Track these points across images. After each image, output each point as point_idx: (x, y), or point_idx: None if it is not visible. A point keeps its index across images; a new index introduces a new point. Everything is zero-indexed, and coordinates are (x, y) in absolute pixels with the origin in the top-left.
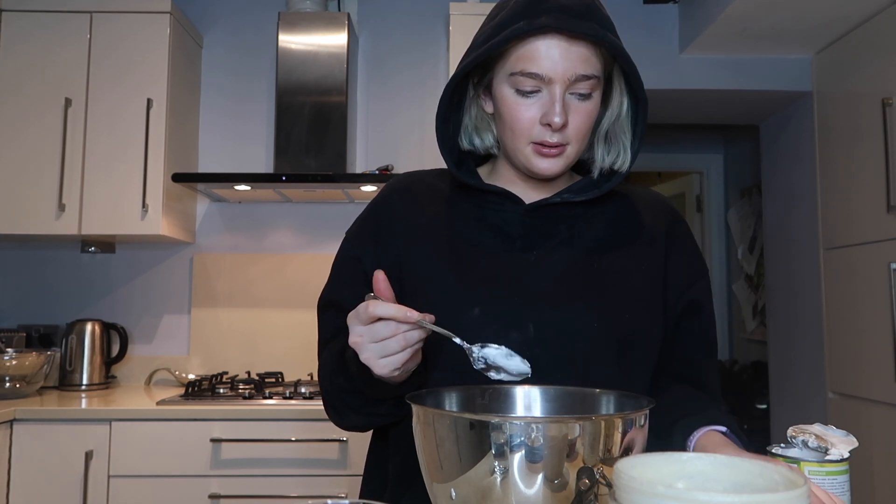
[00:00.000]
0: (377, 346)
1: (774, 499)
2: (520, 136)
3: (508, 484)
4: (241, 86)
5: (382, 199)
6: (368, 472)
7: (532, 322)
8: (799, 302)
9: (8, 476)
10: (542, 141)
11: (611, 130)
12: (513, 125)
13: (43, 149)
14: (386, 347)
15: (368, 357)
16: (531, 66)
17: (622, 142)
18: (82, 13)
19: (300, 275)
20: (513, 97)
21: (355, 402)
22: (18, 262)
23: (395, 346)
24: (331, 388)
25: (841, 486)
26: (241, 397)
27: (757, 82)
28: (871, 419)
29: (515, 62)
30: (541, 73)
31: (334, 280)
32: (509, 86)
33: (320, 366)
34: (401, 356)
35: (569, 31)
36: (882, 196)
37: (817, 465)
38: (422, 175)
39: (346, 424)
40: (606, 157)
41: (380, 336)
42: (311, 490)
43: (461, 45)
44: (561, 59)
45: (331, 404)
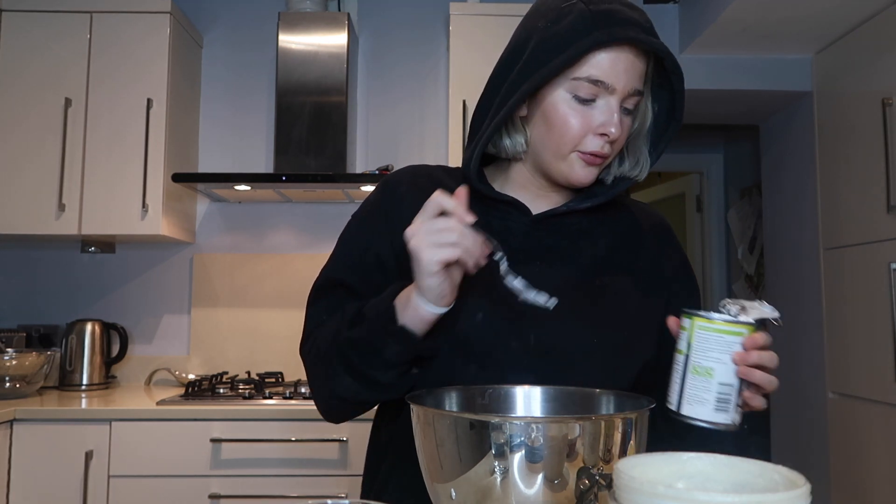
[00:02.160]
0: (433, 236)
1: (774, 499)
2: (568, 143)
3: (508, 484)
4: (242, 85)
5: (390, 188)
6: (368, 471)
7: (533, 332)
8: (799, 302)
9: (8, 476)
10: (593, 151)
11: (632, 142)
12: (563, 131)
13: (43, 149)
14: (441, 237)
15: (418, 242)
16: (599, 73)
17: (640, 152)
18: (82, 13)
19: (300, 275)
20: (568, 103)
21: (359, 361)
22: (18, 262)
23: (449, 237)
24: (332, 347)
25: (727, 346)
26: (241, 397)
27: (757, 82)
28: (871, 419)
29: (583, 69)
30: (606, 82)
31: (340, 263)
32: (566, 90)
33: (316, 337)
34: (449, 251)
35: (646, 45)
36: (882, 196)
37: (706, 321)
38: (429, 169)
39: (334, 396)
40: (625, 164)
41: (437, 227)
42: (311, 490)
43: (461, 45)
44: (625, 71)
45: (323, 372)
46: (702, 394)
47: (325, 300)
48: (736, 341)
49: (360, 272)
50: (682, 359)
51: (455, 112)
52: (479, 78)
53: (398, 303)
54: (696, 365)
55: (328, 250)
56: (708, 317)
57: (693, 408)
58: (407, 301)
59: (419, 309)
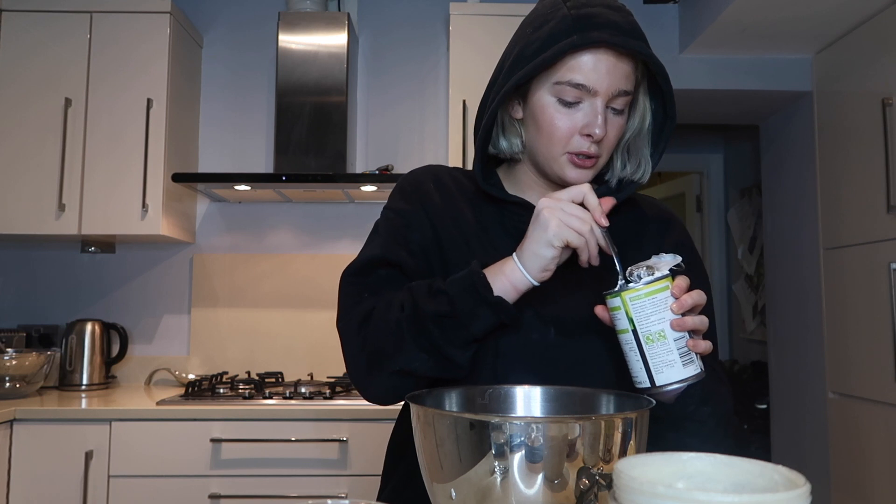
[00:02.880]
0: (567, 216)
1: (774, 499)
2: (556, 145)
3: (508, 484)
4: (241, 85)
5: (417, 183)
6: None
7: (553, 326)
8: (799, 302)
9: (8, 476)
10: (580, 151)
11: (632, 143)
12: (551, 133)
13: (43, 149)
14: (573, 221)
15: (551, 215)
16: (579, 77)
17: (643, 154)
18: (82, 13)
19: (300, 275)
20: (554, 106)
21: (440, 335)
22: (18, 262)
23: (581, 226)
24: (404, 321)
25: (662, 303)
26: (241, 397)
27: (757, 82)
28: (871, 419)
29: (564, 72)
30: (588, 85)
31: (383, 246)
32: (551, 94)
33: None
34: (574, 236)
35: (621, 47)
36: (882, 196)
37: (633, 291)
38: (448, 170)
39: (397, 370)
40: (627, 167)
41: (574, 211)
42: (311, 490)
43: (461, 45)
44: (607, 73)
45: (387, 347)
46: (665, 357)
47: (367, 279)
48: (666, 296)
49: (406, 253)
50: (629, 337)
51: (455, 112)
52: (479, 78)
53: (487, 274)
54: (647, 335)
55: (328, 250)
56: (633, 287)
57: (664, 374)
58: (499, 270)
59: (513, 276)
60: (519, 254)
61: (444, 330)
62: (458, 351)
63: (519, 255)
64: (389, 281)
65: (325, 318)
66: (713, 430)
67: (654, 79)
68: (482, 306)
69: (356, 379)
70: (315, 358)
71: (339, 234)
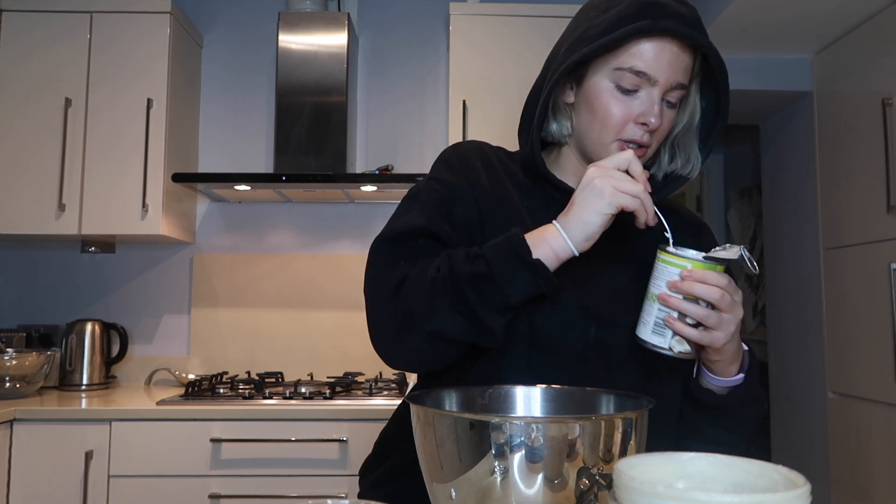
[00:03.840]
0: (620, 182)
1: (774, 499)
2: (610, 131)
3: (508, 484)
4: (242, 85)
5: (464, 158)
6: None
7: (594, 325)
8: (799, 302)
9: (8, 476)
10: (632, 139)
11: (680, 138)
12: (605, 119)
13: (43, 149)
14: (625, 186)
15: (605, 182)
16: (641, 64)
17: (690, 149)
18: (82, 13)
19: (300, 275)
20: (611, 91)
21: (477, 298)
22: (18, 262)
23: (633, 189)
24: (441, 283)
25: (669, 276)
26: (241, 397)
27: (757, 82)
28: (871, 419)
29: (625, 58)
30: (649, 73)
31: (422, 215)
32: (610, 80)
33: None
34: (629, 199)
35: (689, 38)
36: (882, 196)
37: (663, 252)
38: (495, 150)
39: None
40: (675, 160)
41: (624, 178)
42: (311, 490)
43: (461, 45)
44: (669, 64)
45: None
46: (646, 317)
47: (404, 246)
48: (675, 272)
49: (449, 226)
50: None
51: (455, 112)
52: (479, 78)
53: (528, 239)
54: (649, 291)
55: (328, 250)
56: (665, 249)
57: (640, 329)
58: (541, 237)
59: (556, 243)
60: (563, 221)
61: (480, 292)
62: (494, 315)
63: (563, 222)
64: (428, 252)
65: (325, 318)
66: (749, 433)
67: (707, 77)
68: (521, 268)
69: (384, 345)
70: (315, 358)
71: (339, 234)
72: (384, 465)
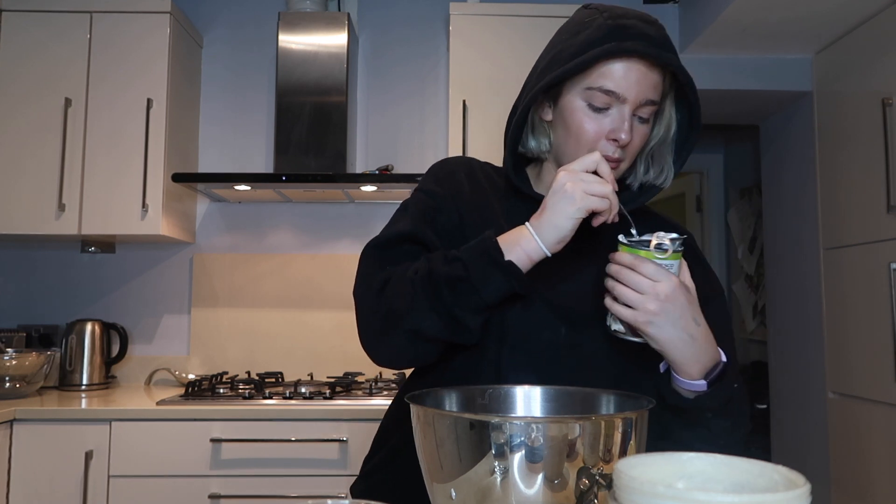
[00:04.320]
0: (589, 185)
1: (774, 499)
2: (584, 147)
3: (508, 484)
4: (242, 85)
5: (449, 171)
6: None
7: (565, 325)
8: (799, 302)
9: (8, 476)
10: (606, 155)
11: (656, 150)
12: (579, 136)
13: (43, 149)
14: (594, 188)
15: (575, 186)
16: (610, 83)
17: (666, 160)
18: (82, 13)
19: (300, 275)
20: (584, 110)
21: (453, 299)
22: (18, 262)
23: (602, 190)
24: (419, 283)
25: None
26: (241, 397)
27: (757, 82)
28: (871, 419)
29: (595, 78)
30: (618, 92)
31: (410, 223)
32: (582, 99)
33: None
34: (598, 201)
35: (653, 58)
36: (882, 196)
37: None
38: (481, 164)
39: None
40: (650, 172)
41: (593, 180)
42: (311, 490)
43: (461, 45)
44: (637, 82)
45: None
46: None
47: (390, 252)
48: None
49: (433, 233)
50: None
51: (455, 112)
52: (479, 78)
53: (501, 242)
54: None
55: (328, 250)
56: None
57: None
58: (514, 240)
59: (528, 246)
60: (535, 225)
61: (456, 293)
62: (470, 315)
63: (535, 226)
64: (413, 256)
65: (325, 318)
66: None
67: (682, 89)
68: (494, 270)
69: (368, 342)
70: (315, 358)
71: (339, 234)
72: (378, 455)
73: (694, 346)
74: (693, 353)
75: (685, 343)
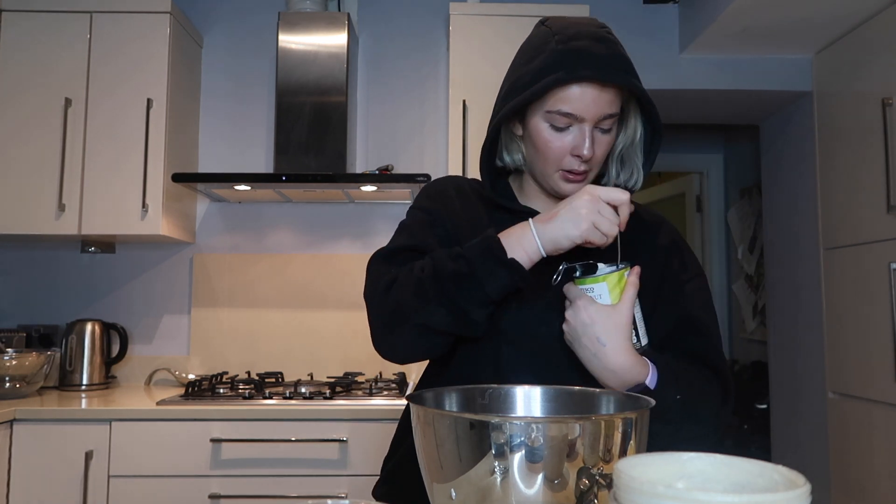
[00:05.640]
0: (600, 217)
1: (774, 499)
2: (551, 164)
3: (508, 484)
4: (242, 85)
5: (440, 189)
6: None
7: (559, 320)
8: (799, 302)
9: (8, 476)
10: (571, 169)
11: (625, 153)
12: (545, 154)
13: (43, 149)
14: (603, 224)
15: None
16: (566, 107)
17: (635, 163)
18: (82, 13)
19: (300, 275)
20: (547, 131)
21: (458, 293)
22: (18, 262)
23: (609, 229)
24: (428, 280)
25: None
26: (241, 397)
27: (757, 82)
28: (871, 419)
29: (553, 103)
30: (575, 114)
31: (411, 236)
32: (544, 120)
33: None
34: (600, 237)
35: (603, 80)
36: (882, 196)
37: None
38: (468, 181)
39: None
40: (620, 175)
41: (608, 215)
42: (311, 490)
43: (461, 44)
44: (593, 102)
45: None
46: None
47: (395, 259)
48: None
49: (433, 239)
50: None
51: (455, 112)
52: (479, 78)
53: (503, 239)
54: None
55: (328, 250)
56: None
57: None
58: (516, 239)
59: (530, 247)
60: (539, 228)
61: (461, 288)
62: (476, 308)
63: (539, 229)
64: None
65: (325, 318)
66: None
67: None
68: (498, 267)
69: (378, 339)
70: (315, 358)
71: (339, 234)
72: (394, 458)
73: (598, 362)
74: (599, 368)
75: (589, 359)
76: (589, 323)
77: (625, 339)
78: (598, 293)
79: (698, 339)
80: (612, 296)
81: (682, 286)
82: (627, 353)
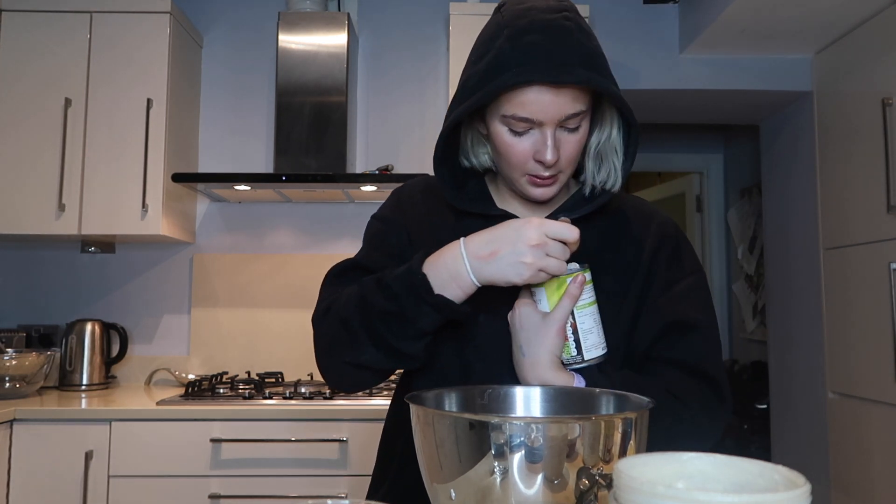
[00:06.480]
0: (545, 260)
1: (774, 499)
2: (515, 168)
3: (508, 484)
4: (242, 85)
5: (406, 193)
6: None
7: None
8: (799, 302)
9: (8, 476)
10: (535, 174)
11: (601, 149)
12: (508, 158)
13: (43, 149)
14: (550, 264)
15: (532, 261)
16: (521, 112)
17: (612, 161)
18: (82, 13)
19: (300, 275)
20: (506, 135)
21: (388, 333)
22: (18, 262)
23: (556, 268)
24: (357, 317)
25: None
26: (241, 397)
27: (757, 82)
28: (871, 419)
29: (508, 107)
30: (532, 118)
31: (365, 248)
32: (502, 124)
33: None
34: (543, 277)
35: (555, 82)
36: (882, 196)
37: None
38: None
39: (354, 364)
40: (597, 175)
41: (555, 253)
42: (311, 490)
43: (461, 44)
44: (550, 103)
45: (344, 340)
46: None
47: (344, 278)
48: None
49: (383, 256)
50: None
51: None
52: None
53: (430, 274)
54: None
55: (328, 250)
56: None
57: None
58: (448, 273)
59: (464, 282)
60: (475, 265)
61: (391, 327)
62: (408, 343)
63: (475, 266)
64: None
65: None
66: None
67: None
68: (425, 304)
69: (318, 365)
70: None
71: (339, 234)
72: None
73: (518, 371)
74: (522, 374)
75: (516, 365)
76: (518, 328)
77: (547, 353)
78: (538, 298)
79: (688, 343)
80: (550, 303)
81: (672, 286)
82: (547, 368)
